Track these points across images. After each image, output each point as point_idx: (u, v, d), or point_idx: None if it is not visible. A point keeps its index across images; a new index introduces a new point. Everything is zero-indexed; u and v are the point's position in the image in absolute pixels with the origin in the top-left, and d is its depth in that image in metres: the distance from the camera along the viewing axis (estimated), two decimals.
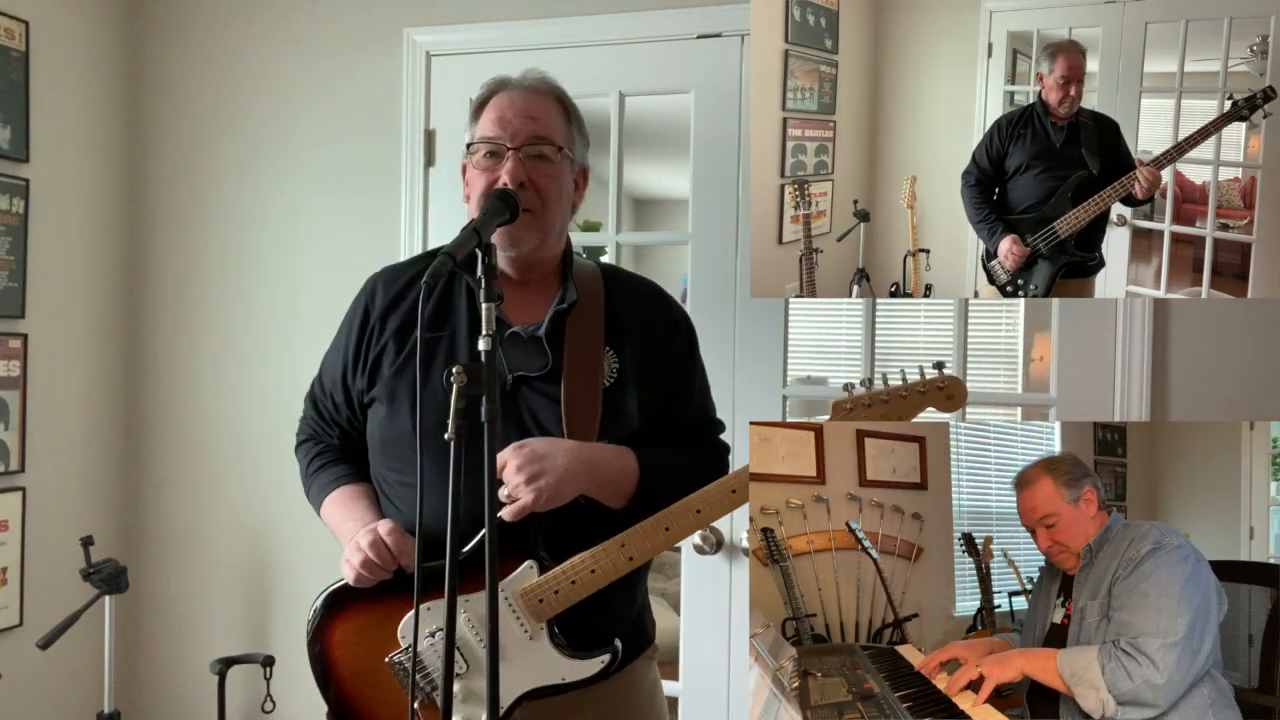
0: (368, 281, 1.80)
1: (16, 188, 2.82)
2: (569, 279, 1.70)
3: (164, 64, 3.17)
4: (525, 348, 1.65)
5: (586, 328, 1.67)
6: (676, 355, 1.75)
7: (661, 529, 1.57)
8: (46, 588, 2.89)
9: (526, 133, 1.62)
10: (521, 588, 1.56)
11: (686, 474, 1.64)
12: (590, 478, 1.57)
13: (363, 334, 1.74)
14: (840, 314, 4.49)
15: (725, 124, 2.70)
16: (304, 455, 1.85)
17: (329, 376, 1.81)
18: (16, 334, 2.83)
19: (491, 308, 1.37)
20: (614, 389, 1.65)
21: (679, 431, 1.72)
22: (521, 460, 1.52)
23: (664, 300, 1.80)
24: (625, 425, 1.65)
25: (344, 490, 1.73)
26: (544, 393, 1.63)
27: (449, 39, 2.91)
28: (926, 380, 1.60)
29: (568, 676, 1.57)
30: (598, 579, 1.56)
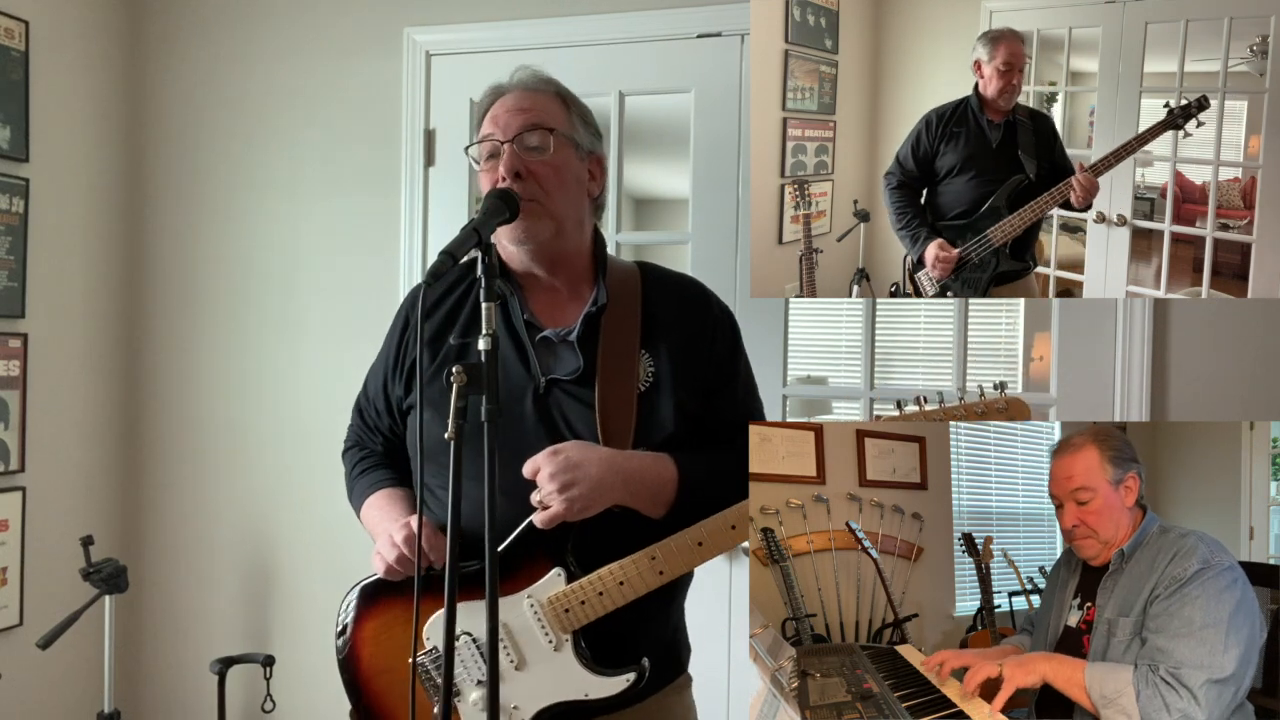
0: (411, 290, 1.84)
1: (16, 188, 2.82)
2: (601, 279, 1.67)
3: (164, 63, 3.17)
4: (558, 351, 1.63)
5: (621, 330, 1.64)
6: (717, 354, 1.69)
7: (695, 543, 1.52)
8: (46, 588, 2.89)
9: (517, 124, 1.61)
10: (547, 595, 1.54)
11: (729, 480, 1.59)
12: (625, 488, 1.53)
13: (401, 342, 1.75)
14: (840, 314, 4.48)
15: (725, 124, 2.70)
16: (349, 461, 1.86)
17: (373, 384, 1.81)
18: (16, 334, 2.83)
19: (492, 307, 1.36)
20: (649, 393, 1.62)
21: (719, 432, 1.66)
22: (555, 468, 1.49)
23: (704, 298, 1.74)
24: (661, 430, 1.61)
25: (383, 493, 1.73)
26: (577, 397, 1.60)
27: (449, 39, 2.91)
28: (987, 401, 1.53)
29: (591, 693, 1.52)
30: (626, 591, 1.52)
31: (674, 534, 1.54)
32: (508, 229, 1.57)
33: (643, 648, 1.57)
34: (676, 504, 1.56)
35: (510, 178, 1.58)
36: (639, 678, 1.52)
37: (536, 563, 1.54)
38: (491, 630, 1.33)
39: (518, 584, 1.54)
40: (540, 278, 1.67)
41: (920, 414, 1.54)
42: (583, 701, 1.53)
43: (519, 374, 1.61)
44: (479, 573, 1.46)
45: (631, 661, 1.54)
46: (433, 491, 1.64)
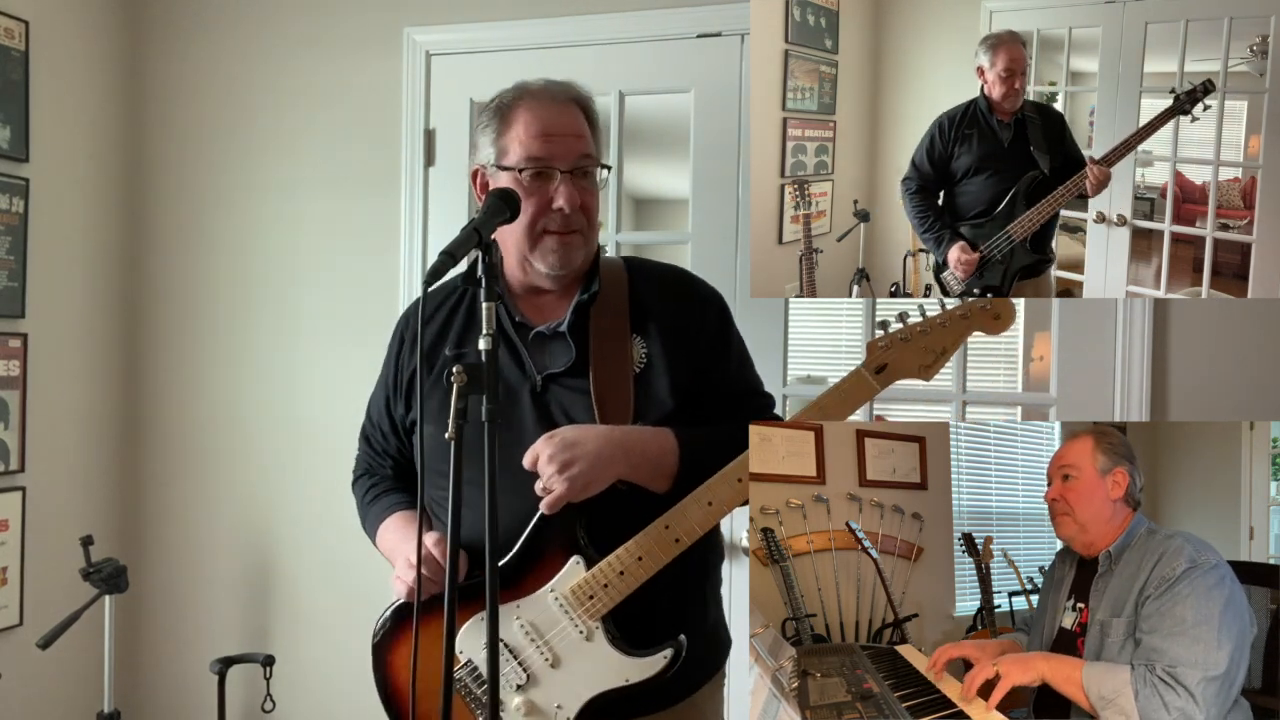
0: (404, 313, 1.84)
1: (16, 188, 2.82)
2: (593, 274, 1.69)
3: (164, 63, 3.17)
4: (551, 346, 1.64)
5: (611, 318, 1.65)
6: (706, 329, 1.69)
7: (704, 503, 1.51)
8: (46, 588, 2.89)
9: (575, 153, 1.61)
10: (570, 585, 1.52)
11: (730, 446, 1.56)
12: (626, 460, 1.52)
13: (398, 360, 1.76)
14: (840, 314, 4.48)
15: (725, 124, 2.69)
16: (359, 490, 1.85)
17: (375, 408, 1.82)
18: (16, 334, 2.83)
19: (492, 307, 1.36)
20: (644, 375, 1.62)
21: (720, 405, 1.65)
22: (553, 450, 1.49)
23: (688, 279, 1.77)
24: (659, 409, 1.60)
25: (397, 516, 1.73)
26: (573, 387, 1.60)
27: (449, 39, 2.91)
28: (969, 304, 1.51)
29: (631, 677, 1.50)
30: (647, 565, 1.50)
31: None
32: (553, 258, 1.59)
33: (677, 627, 1.54)
34: (680, 475, 1.55)
35: (573, 210, 1.59)
36: (676, 654, 1.50)
37: (553, 555, 1.54)
38: (492, 631, 1.32)
39: (539, 580, 1.54)
40: (546, 288, 1.68)
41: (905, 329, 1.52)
42: (624, 688, 1.51)
43: (515, 375, 1.62)
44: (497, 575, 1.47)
45: (666, 639, 1.51)
46: (441, 505, 1.64)
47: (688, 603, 1.61)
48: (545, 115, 1.62)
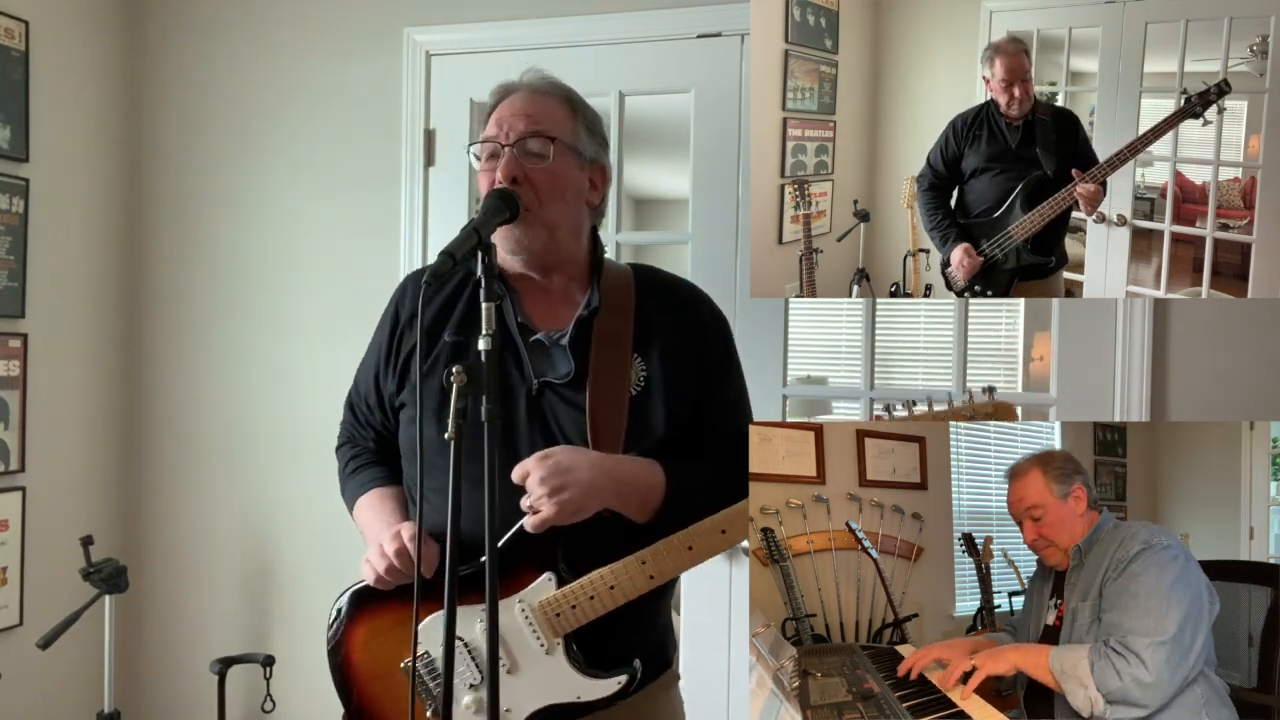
0: (400, 284, 1.79)
1: (16, 188, 2.82)
2: (595, 283, 1.67)
3: (164, 64, 3.17)
4: (550, 354, 1.63)
5: (613, 334, 1.63)
6: (708, 358, 1.68)
7: (685, 548, 1.53)
8: (46, 588, 2.89)
9: (520, 129, 1.60)
10: (539, 600, 1.54)
11: (715, 489, 1.58)
12: (615, 492, 1.53)
13: (393, 336, 1.73)
14: (840, 314, 4.49)
15: (725, 124, 2.70)
16: (341, 458, 1.85)
17: (363, 380, 1.80)
18: (16, 334, 2.83)
19: (492, 307, 1.36)
20: (640, 397, 1.61)
21: (708, 439, 1.65)
22: (545, 472, 1.49)
23: (697, 302, 1.74)
24: (651, 435, 1.60)
25: (375, 493, 1.73)
26: (569, 400, 1.60)
27: (449, 39, 2.91)
28: (975, 406, 1.55)
29: (583, 695, 1.53)
30: (617, 595, 1.53)
31: (663, 538, 1.54)
32: (502, 237, 1.57)
33: (634, 649, 1.58)
34: (662, 510, 1.56)
35: (507, 182, 1.57)
36: (630, 679, 1.53)
37: (527, 567, 1.55)
38: (491, 631, 1.33)
39: (509, 589, 1.55)
40: (535, 280, 1.67)
41: (910, 418, 1.55)
42: (574, 704, 1.53)
43: (512, 376, 1.61)
44: (470, 577, 1.47)
45: (623, 663, 1.55)
46: (426, 497, 1.63)
47: (641, 616, 1.62)
48: (510, 102, 1.64)
